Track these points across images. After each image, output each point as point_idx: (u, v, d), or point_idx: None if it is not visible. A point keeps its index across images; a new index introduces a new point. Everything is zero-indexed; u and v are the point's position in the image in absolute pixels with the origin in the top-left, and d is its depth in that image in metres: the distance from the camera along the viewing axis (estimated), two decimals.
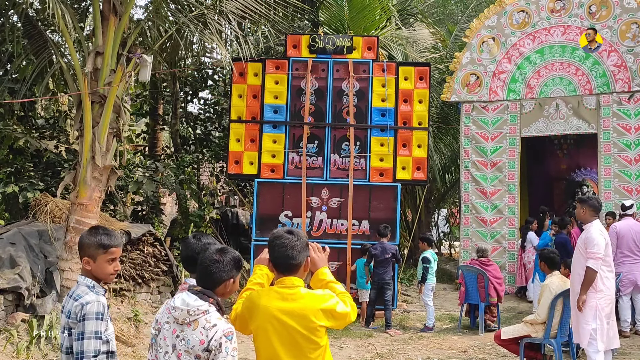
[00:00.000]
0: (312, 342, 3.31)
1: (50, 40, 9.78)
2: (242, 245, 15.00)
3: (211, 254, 3.31)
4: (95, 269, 3.55)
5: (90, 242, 3.55)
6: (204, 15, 9.97)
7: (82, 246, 3.57)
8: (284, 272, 3.41)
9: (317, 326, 3.30)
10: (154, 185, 12.74)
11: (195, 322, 3.15)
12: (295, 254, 3.37)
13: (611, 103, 12.20)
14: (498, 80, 13.30)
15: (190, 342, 3.14)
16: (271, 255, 3.45)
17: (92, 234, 3.59)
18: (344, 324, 3.44)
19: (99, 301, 3.45)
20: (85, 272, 3.59)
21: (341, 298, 3.41)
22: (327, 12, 15.51)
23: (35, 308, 8.22)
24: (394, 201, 11.58)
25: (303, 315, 3.29)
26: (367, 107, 11.78)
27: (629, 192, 11.79)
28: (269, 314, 3.31)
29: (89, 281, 3.54)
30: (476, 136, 13.40)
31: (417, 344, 9.60)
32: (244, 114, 11.86)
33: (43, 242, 9.09)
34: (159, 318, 3.31)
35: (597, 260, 6.45)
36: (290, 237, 3.41)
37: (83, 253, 3.56)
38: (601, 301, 6.48)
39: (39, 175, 11.48)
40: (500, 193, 13.16)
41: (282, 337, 3.29)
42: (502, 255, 13.02)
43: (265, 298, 3.36)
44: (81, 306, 3.41)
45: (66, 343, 3.46)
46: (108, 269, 3.58)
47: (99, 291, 3.54)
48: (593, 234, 6.55)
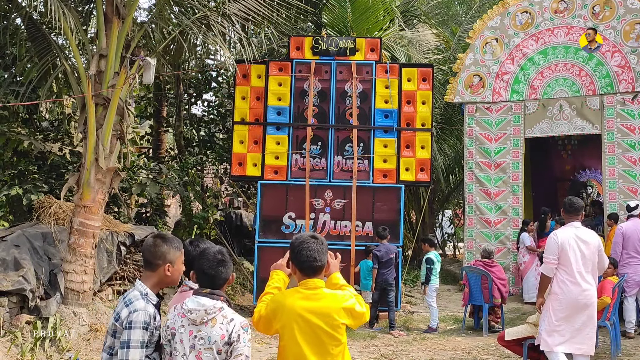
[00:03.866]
0: (335, 338, 3.56)
1: (54, 43, 9.81)
2: (246, 247, 15.01)
3: (214, 257, 3.51)
4: (174, 272, 3.61)
5: (169, 247, 3.59)
6: (207, 17, 9.99)
7: (161, 254, 3.57)
8: (309, 274, 3.65)
9: (339, 323, 3.55)
10: (157, 187, 12.75)
11: (213, 320, 3.35)
12: (320, 256, 3.64)
13: (615, 103, 12.18)
14: (501, 81, 13.29)
15: (212, 338, 3.33)
16: (296, 259, 3.67)
17: (165, 240, 3.63)
18: (359, 323, 3.70)
19: (146, 310, 3.43)
20: (150, 279, 3.59)
21: (357, 299, 3.67)
22: (330, 14, 15.51)
23: (39, 310, 8.25)
24: (398, 202, 11.58)
25: (326, 313, 3.54)
26: (370, 108, 11.78)
27: (633, 193, 11.76)
28: (294, 313, 3.54)
29: (144, 287, 3.53)
30: (480, 137, 13.38)
31: (420, 345, 9.59)
32: (247, 116, 11.87)
33: (47, 244, 9.11)
34: (170, 324, 3.41)
35: (546, 265, 6.46)
36: (315, 241, 3.68)
37: (163, 261, 3.56)
38: (554, 303, 6.42)
39: (43, 177, 11.50)
40: (504, 194, 13.14)
41: (307, 334, 3.52)
42: (506, 257, 13.00)
43: (290, 298, 3.59)
44: (129, 313, 3.41)
45: (108, 343, 3.49)
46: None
47: (151, 299, 3.52)
48: (549, 239, 6.59)
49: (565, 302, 6.37)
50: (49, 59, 9.81)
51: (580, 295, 6.34)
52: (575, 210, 6.60)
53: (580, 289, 6.35)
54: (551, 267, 6.44)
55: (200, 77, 16.63)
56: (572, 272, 6.35)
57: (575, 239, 6.43)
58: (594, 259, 6.50)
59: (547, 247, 6.55)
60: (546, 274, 6.50)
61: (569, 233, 6.47)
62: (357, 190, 11.56)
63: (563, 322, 6.38)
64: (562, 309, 6.38)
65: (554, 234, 6.56)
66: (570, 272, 6.36)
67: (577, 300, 6.34)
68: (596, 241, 6.54)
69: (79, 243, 8.71)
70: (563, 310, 6.38)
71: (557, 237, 6.46)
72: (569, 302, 6.35)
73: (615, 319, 8.63)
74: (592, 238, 6.53)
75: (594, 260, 6.49)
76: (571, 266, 6.36)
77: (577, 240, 6.43)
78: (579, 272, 6.37)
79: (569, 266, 6.37)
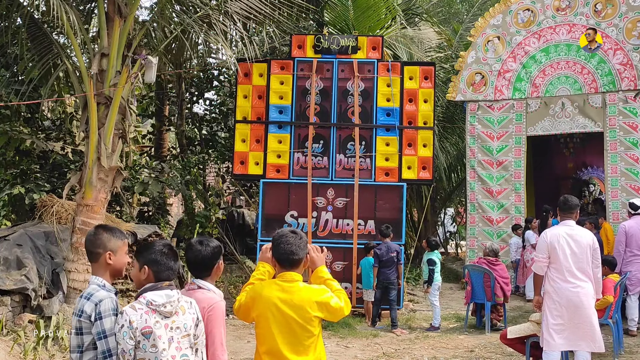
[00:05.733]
0: (307, 330, 3.71)
1: (55, 42, 9.82)
2: (248, 245, 15.01)
3: (162, 250, 3.61)
4: (116, 261, 3.64)
5: (109, 236, 3.65)
6: (208, 16, 9.99)
7: (101, 242, 3.63)
8: (286, 267, 3.83)
9: (312, 317, 3.71)
10: (160, 186, 12.76)
11: (182, 308, 3.47)
12: (298, 250, 3.81)
13: (617, 101, 12.16)
14: (503, 79, 13.27)
15: (187, 324, 3.45)
16: (275, 252, 3.86)
17: (107, 229, 3.70)
18: (337, 317, 3.85)
19: (111, 297, 3.49)
20: (99, 270, 3.64)
21: (337, 294, 3.82)
22: (331, 12, 15.50)
23: (42, 309, 8.25)
24: (400, 201, 11.57)
25: (300, 306, 3.70)
26: (372, 106, 11.77)
27: (636, 191, 11.75)
28: (270, 303, 3.72)
29: (100, 280, 3.59)
30: (482, 135, 13.37)
31: (423, 343, 9.59)
32: (249, 115, 11.88)
33: (49, 243, 9.12)
34: (139, 324, 3.34)
35: (537, 263, 6.54)
36: (294, 236, 3.87)
37: (103, 249, 3.61)
38: (549, 302, 6.46)
39: (45, 176, 11.51)
40: (506, 192, 13.14)
41: (281, 324, 3.70)
42: (508, 255, 12.99)
43: (267, 289, 3.77)
44: (94, 305, 3.44)
45: (75, 342, 3.48)
46: (125, 259, 3.73)
47: (110, 289, 3.58)
48: (540, 237, 6.69)
49: (558, 299, 6.38)
50: (50, 58, 9.81)
51: (570, 293, 6.34)
52: (569, 208, 6.58)
53: (571, 286, 6.34)
54: (541, 265, 6.50)
55: (202, 75, 16.63)
56: (562, 270, 6.37)
57: (566, 237, 6.41)
58: (586, 257, 6.47)
59: (538, 246, 6.67)
60: (537, 272, 6.62)
61: (559, 231, 6.48)
62: (359, 189, 11.56)
63: (560, 319, 6.38)
64: (556, 307, 6.40)
65: (544, 232, 6.63)
66: (560, 270, 6.38)
67: (569, 298, 6.34)
68: (589, 239, 6.50)
69: (81, 242, 8.70)
70: (558, 308, 6.39)
71: (546, 235, 6.51)
72: (561, 299, 6.36)
73: (617, 317, 8.61)
74: (584, 236, 6.50)
75: (586, 258, 6.47)
76: (560, 264, 6.38)
77: (567, 238, 6.41)
78: (568, 270, 6.35)
79: (558, 264, 6.40)
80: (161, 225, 13.39)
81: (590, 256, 6.47)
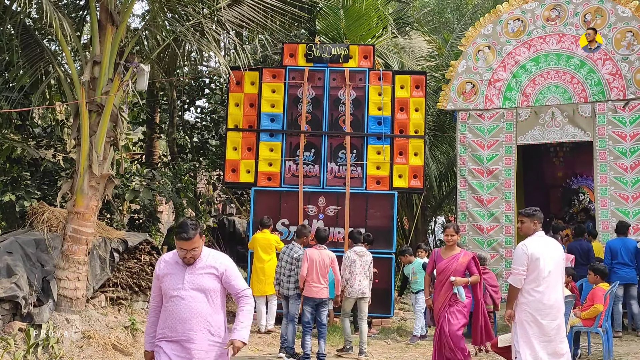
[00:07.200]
0: None
1: (47, 49, 9.80)
2: (239, 253, 15.00)
3: None
4: None
5: None
6: (201, 24, 10.01)
7: None
8: None
9: None
10: (150, 194, 12.73)
11: None
12: None
13: (606, 111, 12.26)
14: (494, 88, 13.35)
15: None
16: None
17: None
18: None
19: None
20: None
21: None
22: (323, 21, 15.57)
23: (32, 317, 8.21)
24: (391, 209, 11.61)
25: None
26: (364, 115, 11.83)
27: (625, 200, 11.84)
28: None
29: None
30: (472, 144, 13.44)
31: (414, 351, 9.62)
32: (240, 123, 11.90)
33: (40, 251, 9.07)
34: None
35: (515, 276, 6.38)
36: None
37: None
38: (521, 314, 6.36)
39: (36, 184, 11.47)
40: (496, 201, 13.19)
41: None
42: (498, 263, 13.02)
43: None
44: None
45: None
46: None
47: None
48: (517, 250, 6.49)
49: (532, 311, 6.32)
50: (41, 65, 9.79)
51: (544, 305, 6.30)
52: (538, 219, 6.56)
53: (546, 297, 6.31)
54: (520, 278, 6.36)
55: (194, 83, 16.63)
56: (539, 282, 6.30)
57: (545, 248, 6.41)
58: (561, 268, 6.50)
59: (516, 258, 6.45)
60: (515, 285, 6.41)
61: (538, 242, 6.44)
62: (351, 197, 11.59)
63: (534, 331, 6.30)
64: (529, 320, 6.33)
65: (522, 244, 6.46)
66: (537, 282, 6.30)
67: (541, 310, 6.30)
68: (561, 251, 6.57)
69: (72, 250, 8.68)
70: (531, 321, 6.31)
71: (526, 247, 6.38)
72: (535, 311, 6.31)
73: (607, 325, 8.66)
74: (557, 248, 6.55)
75: (561, 269, 6.50)
76: (538, 276, 6.31)
77: (545, 249, 6.40)
78: (545, 281, 6.31)
79: (536, 276, 6.31)
80: (152, 232, 13.36)
81: (563, 267, 6.55)
